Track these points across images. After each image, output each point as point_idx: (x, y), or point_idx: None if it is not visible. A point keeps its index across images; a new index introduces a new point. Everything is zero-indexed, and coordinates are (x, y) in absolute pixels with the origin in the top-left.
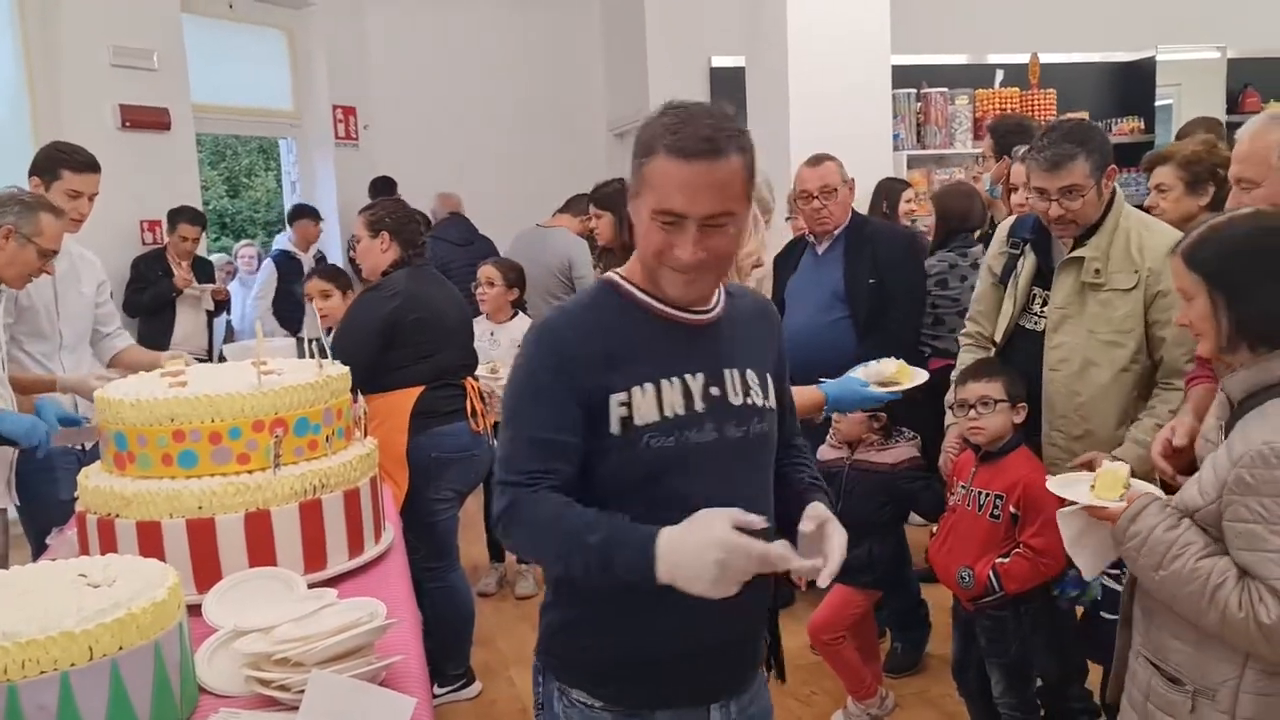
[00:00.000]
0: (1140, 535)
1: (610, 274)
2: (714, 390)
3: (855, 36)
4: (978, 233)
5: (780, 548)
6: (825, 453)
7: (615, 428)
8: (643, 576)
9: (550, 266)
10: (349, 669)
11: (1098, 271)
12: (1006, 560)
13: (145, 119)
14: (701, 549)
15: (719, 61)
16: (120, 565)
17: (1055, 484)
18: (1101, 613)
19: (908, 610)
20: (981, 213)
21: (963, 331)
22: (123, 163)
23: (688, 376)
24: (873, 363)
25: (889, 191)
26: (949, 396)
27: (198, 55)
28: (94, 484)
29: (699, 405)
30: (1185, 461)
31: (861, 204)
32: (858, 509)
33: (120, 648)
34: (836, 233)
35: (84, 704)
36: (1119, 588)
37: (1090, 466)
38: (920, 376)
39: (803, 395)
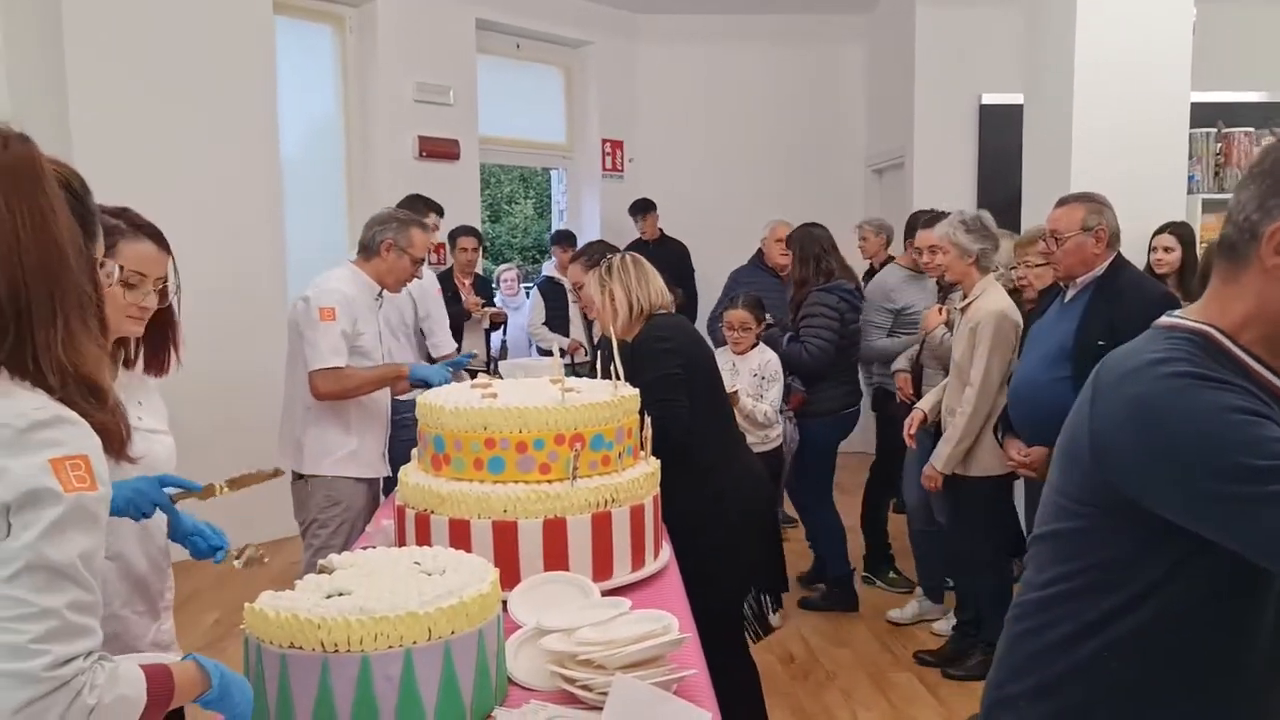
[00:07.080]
0: None
1: (1204, 327)
2: None
3: (1150, 70)
4: None
5: None
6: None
7: None
8: None
9: None
10: (648, 676)
11: None
12: None
13: (439, 149)
14: None
15: (989, 99)
16: (446, 557)
17: None
18: None
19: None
20: None
21: None
22: (417, 189)
23: None
24: None
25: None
26: None
27: (485, 90)
28: (413, 481)
29: None
30: None
31: (1139, 248)
32: None
33: (453, 631)
34: (1082, 282)
35: (422, 679)
36: None
37: None
38: None
39: None
